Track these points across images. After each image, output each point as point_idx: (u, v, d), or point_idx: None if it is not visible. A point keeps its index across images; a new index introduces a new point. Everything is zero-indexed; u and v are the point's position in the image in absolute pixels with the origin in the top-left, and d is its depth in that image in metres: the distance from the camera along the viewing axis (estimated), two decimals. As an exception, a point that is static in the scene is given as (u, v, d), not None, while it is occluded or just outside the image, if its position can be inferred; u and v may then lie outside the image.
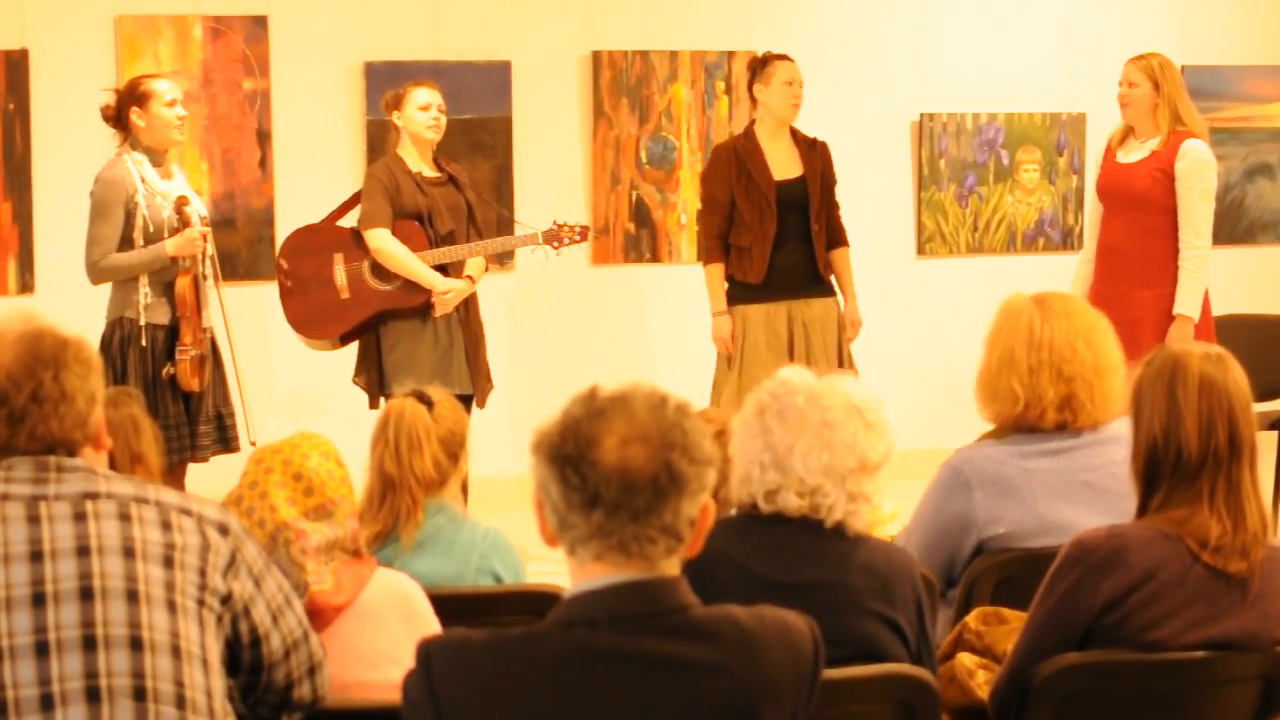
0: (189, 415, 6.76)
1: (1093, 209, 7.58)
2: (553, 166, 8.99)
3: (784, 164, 7.71)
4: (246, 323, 7.09)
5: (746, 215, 7.65)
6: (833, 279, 7.83)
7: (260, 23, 8.51)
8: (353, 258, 7.22)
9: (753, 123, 7.79)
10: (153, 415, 6.53)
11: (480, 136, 8.74)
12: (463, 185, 7.38)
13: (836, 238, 7.83)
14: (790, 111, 7.72)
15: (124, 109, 6.76)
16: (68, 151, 8.15)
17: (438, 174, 7.32)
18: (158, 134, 6.76)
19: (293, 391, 8.44)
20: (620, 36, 9.05)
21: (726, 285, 7.74)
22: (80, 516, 2.97)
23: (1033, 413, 4.17)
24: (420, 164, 7.27)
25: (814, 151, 7.78)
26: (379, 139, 8.56)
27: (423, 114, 7.23)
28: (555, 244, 7.45)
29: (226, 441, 6.89)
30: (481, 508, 6.53)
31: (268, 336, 8.14)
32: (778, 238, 7.64)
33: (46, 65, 8.22)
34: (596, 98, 9.02)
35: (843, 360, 7.74)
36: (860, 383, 3.48)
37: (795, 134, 7.79)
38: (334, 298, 7.23)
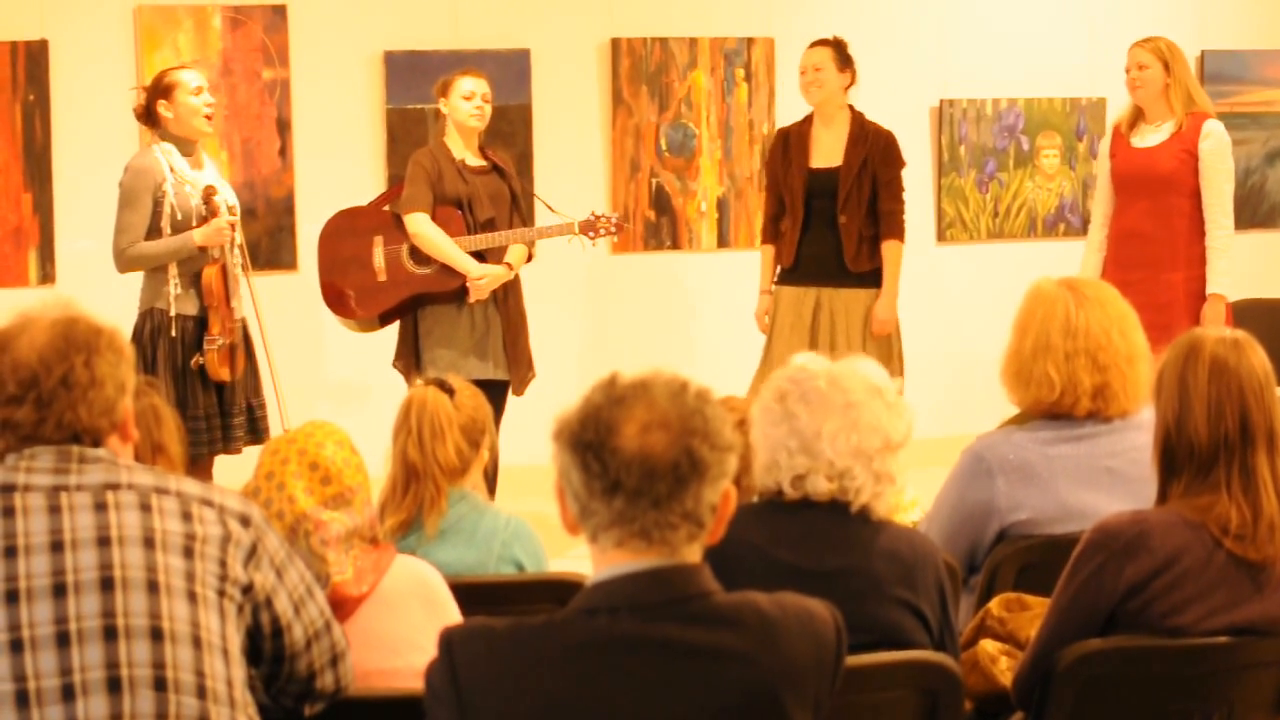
0: (221, 407, 6.75)
1: (1102, 196, 7.52)
2: (572, 154, 8.98)
3: (828, 152, 7.67)
4: (266, 312, 7.07)
5: (786, 200, 7.69)
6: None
7: (279, 12, 8.51)
8: (392, 240, 7.27)
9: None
10: (184, 407, 6.60)
11: (500, 125, 8.72)
12: (509, 175, 7.43)
13: (884, 230, 7.63)
14: (803, 95, 7.72)
15: (151, 103, 6.75)
16: (87, 142, 8.16)
17: (482, 162, 7.35)
18: (185, 123, 6.74)
19: (308, 382, 8.44)
20: (639, 24, 9.04)
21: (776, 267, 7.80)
22: (101, 507, 2.96)
23: (1068, 399, 4.17)
24: (464, 152, 7.31)
25: (863, 143, 7.61)
26: (399, 128, 8.56)
27: (466, 103, 7.27)
28: (591, 234, 7.46)
29: (257, 433, 6.88)
30: (504, 495, 6.54)
31: (283, 325, 8.12)
32: (804, 225, 7.63)
33: (66, 56, 8.22)
34: (616, 85, 9.01)
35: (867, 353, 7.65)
36: (874, 365, 3.48)
37: (857, 123, 7.69)
38: (371, 279, 7.28)
